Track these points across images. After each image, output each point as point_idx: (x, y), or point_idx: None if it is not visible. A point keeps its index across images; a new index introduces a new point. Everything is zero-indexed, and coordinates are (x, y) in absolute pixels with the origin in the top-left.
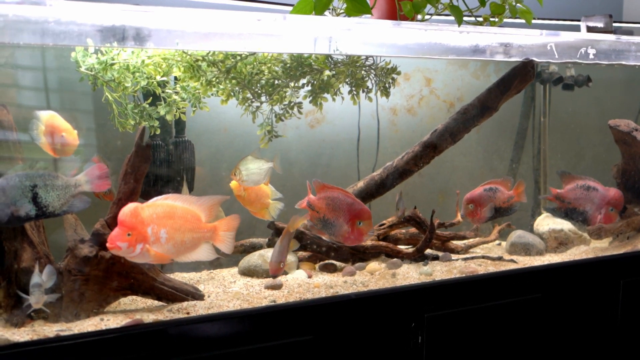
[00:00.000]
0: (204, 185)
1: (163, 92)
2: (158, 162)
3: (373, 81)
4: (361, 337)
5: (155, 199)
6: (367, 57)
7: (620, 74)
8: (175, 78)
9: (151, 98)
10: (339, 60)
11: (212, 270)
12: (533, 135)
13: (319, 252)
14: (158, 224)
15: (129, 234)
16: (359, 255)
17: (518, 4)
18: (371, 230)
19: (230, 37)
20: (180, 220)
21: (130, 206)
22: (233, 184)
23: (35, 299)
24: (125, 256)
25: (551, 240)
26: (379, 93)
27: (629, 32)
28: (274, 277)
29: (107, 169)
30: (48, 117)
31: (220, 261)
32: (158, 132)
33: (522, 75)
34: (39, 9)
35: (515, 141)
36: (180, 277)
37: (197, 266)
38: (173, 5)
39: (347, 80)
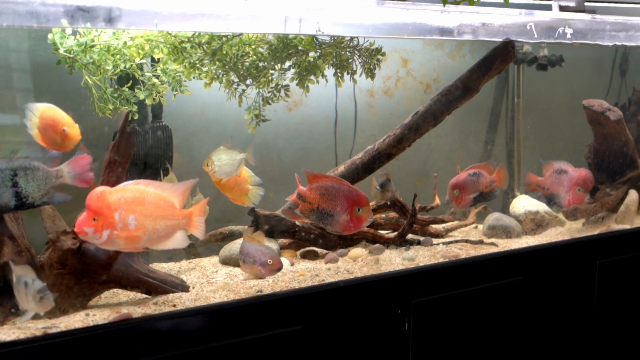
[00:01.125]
0: (182, 172)
1: (142, 75)
2: (137, 148)
3: (357, 62)
4: (349, 326)
5: (125, 183)
6: (351, 38)
7: (591, 53)
8: (153, 60)
9: (131, 82)
10: (325, 41)
11: (191, 260)
12: (507, 117)
13: (307, 240)
14: (126, 209)
15: (95, 219)
16: (347, 242)
17: None
18: (370, 216)
19: (215, 17)
20: (151, 207)
21: (97, 190)
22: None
23: (47, 305)
24: (92, 242)
25: (527, 222)
26: (357, 75)
27: (592, 12)
28: (278, 270)
29: (90, 160)
30: (45, 110)
31: (197, 250)
32: (136, 117)
33: (502, 55)
34: None
35: (489, 123)
36: (160, 267)
37: (173, 255)
38: None
39: (332, 61)
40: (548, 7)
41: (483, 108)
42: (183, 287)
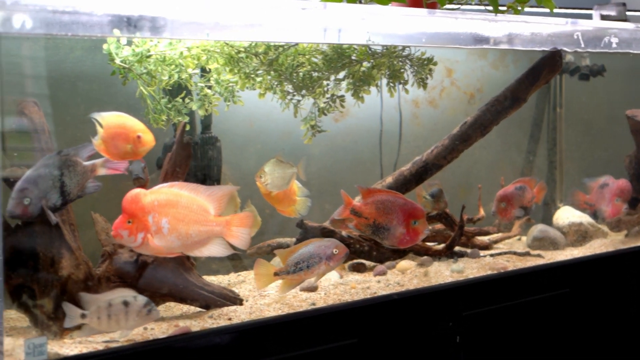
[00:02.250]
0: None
1: (194, 85)
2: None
3: (409, 72)
4: (402, 338)
5: (160, 185)
6: (403, 48)
7: (633, 63)
8: (203, 70)
9: (184, 92)
10: (377, 51)
11: (239, 273)
12: (549, 127)
13: (361, 252)
14: (159, 212)
15: (129, 222)
16: (398, 254)
17: None
18: (426, 229)
19: (271, 27)
20: (184, 210)
21: (132, 192)
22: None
23: (154, 317)
24: (128, 245)
25: (571, 233)
26: (401, 85)
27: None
28: (346, 255)
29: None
30: (113, 118)
31: (244, 263)
32: (188, 128)
33: (550, 65)
34: None
35: (531, 133)
36: (209, 280)
37: (220, 268)
38: None
39: (385, 71)
40: (588, 16)
41: (525, 118)
42: (236, 300)
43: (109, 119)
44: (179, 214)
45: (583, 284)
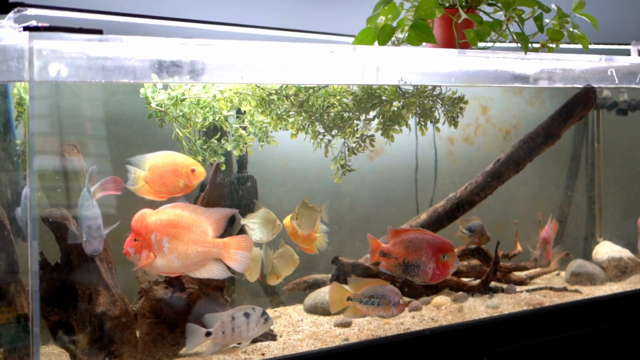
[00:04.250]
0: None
1: (229, 126)
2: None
3: (440, 111)
4: None
5: (164, 206)
6: (433, 87)
7: None
8: (238, 112)
9: (219, 133)
10: (408, 91)
11: (276, 309)
12: (587, 162)
13: None
14: (161, 231)
15: (135, 240)
16: (431, 290)
17: (574, 30)
18: (456, 262)
19: (302, 69)
20: (183, 230)
21: (140, 211)
22: (286, 221)
23: (270, 324)
24: (135, 263)
25: (611, 268)
26: (439, 124)
27: None
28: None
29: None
30: (159, 157)
31: (281, 299)
32: (223, 167)
33: (584, 102)
34: (109, 45)
35: (569, 168)
36: None
37: (257, 304)
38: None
39: (415, 110)
40: (626, 52)
41: (562, 154)
42: (271, 336)
43: (155, 160)
44: (178, 234)
45: (622, 320)
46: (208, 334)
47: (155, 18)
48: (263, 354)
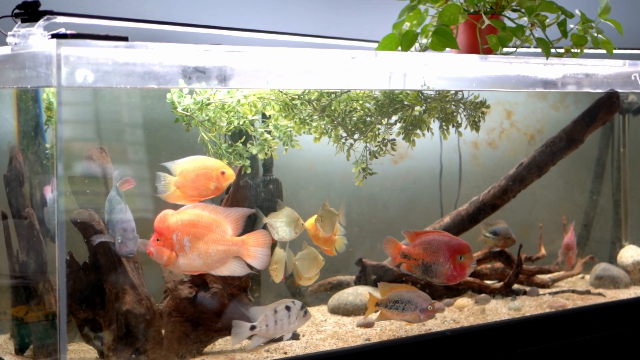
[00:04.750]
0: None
1: (254, 130)
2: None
3: (462, 115)
4: None
5: (185, 207)
6: (456, 92)
7: None
8: (264, 116)
9: (244, 137)
10: (430, 95)
11: None
12: (612, 167)
13: None
14: (182, 231)
15: (158, 240)
16: (453, 292)
17: (599, 35)
18: (473, 262)
19: (324, 74)
20: (203, 230)
21: (162, 212)
22: (308, 223)
23: (309, 317)
24: (158, 262)
25: (636, 272)
26: (461, 128)
27: None
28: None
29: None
30: (189, 162)
31: (306, 300)
32: (249, 171)
33: (607, 106)
34: (134, 52)
35: (594, 172)
36: None
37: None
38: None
39: (437, 115)
40: None
41: (588, 158)
42: (294, 335)
43: (185, 165)
44: (199, 233)
45: None
46: (253, 327)
47: (180, 25)
48: (285, 353)
